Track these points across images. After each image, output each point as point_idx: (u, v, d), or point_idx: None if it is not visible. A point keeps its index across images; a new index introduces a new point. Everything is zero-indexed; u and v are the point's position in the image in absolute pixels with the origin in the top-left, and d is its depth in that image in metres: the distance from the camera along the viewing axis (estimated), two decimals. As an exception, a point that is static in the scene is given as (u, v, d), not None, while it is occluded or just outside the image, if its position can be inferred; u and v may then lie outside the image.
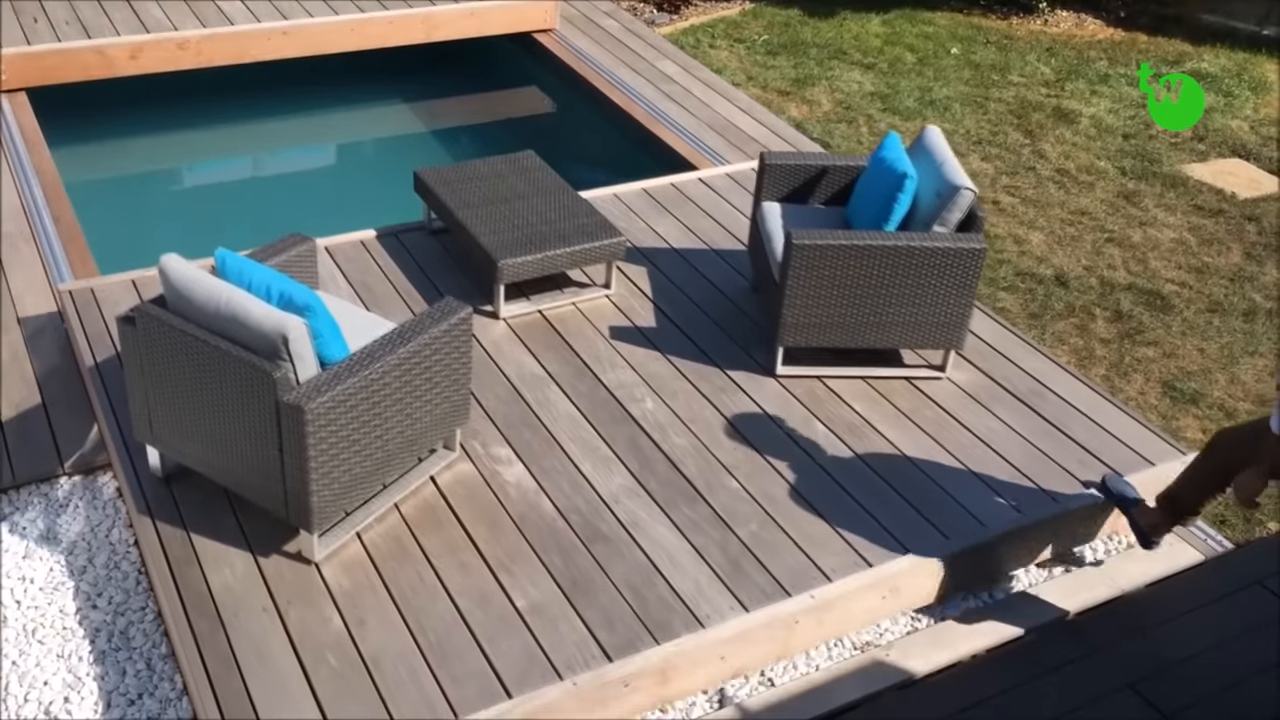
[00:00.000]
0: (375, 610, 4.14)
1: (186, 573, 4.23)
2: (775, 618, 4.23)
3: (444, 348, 4.38)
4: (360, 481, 4.23)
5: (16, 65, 7.66)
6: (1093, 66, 9.68)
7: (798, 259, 5.09)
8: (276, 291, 4.12)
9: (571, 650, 4.04)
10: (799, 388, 5.37)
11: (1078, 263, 6.98)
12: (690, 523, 4.59)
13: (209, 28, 8.13)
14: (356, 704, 3.82)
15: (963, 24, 10.41)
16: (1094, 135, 8.54)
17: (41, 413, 5.07)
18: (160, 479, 4.59)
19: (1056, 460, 5.02)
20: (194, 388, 4.14)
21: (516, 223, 5.74)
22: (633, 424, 5.08)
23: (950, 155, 5.32)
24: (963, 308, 5.24)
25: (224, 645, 3.98)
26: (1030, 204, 7.57)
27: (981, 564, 4.65)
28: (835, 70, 9.32)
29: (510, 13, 8.96)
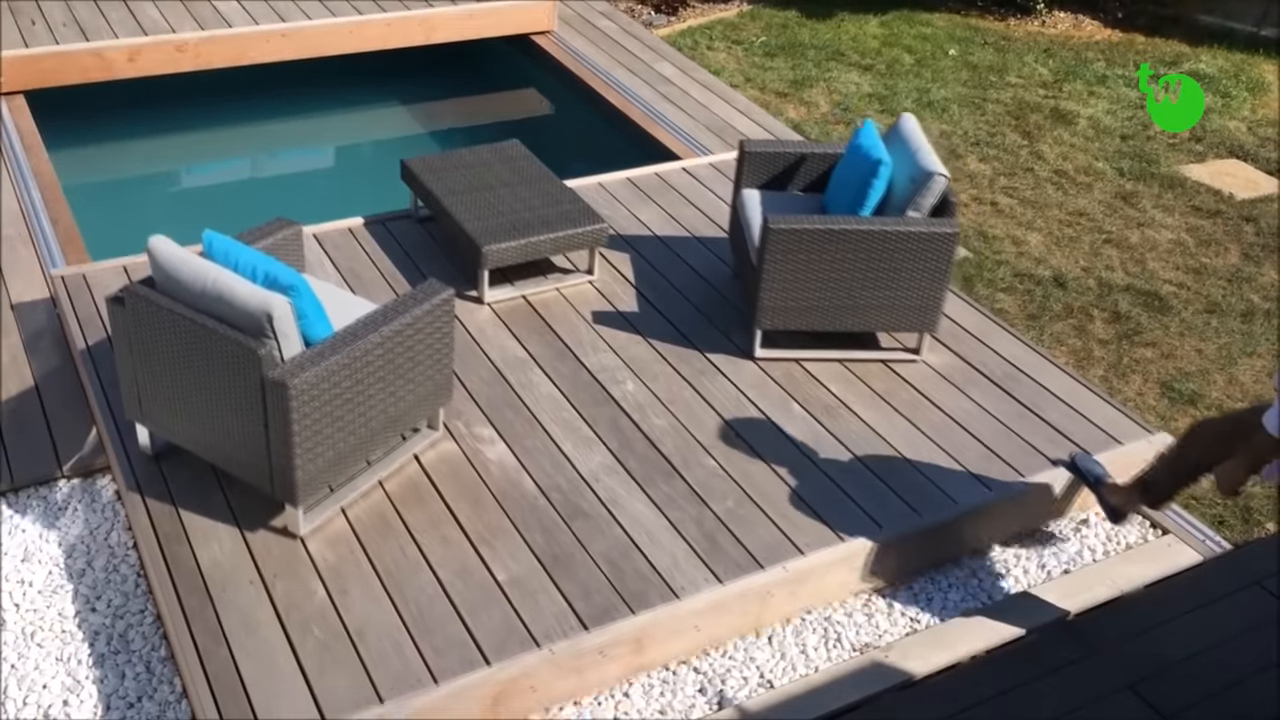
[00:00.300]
0: (359, 583, 4.25)
1: (175, 549, 4.34)
2: (749, 589, 4.35)
3: (426, 328, 4.48)
4: (344, 457, 4.34)
5: (14, 68, 7.69)
6: (1090, 67, 9.71)
7: (774, 243, 5.21)
8: (262, 272, 4.23)
9: (550, 620, 4.16)
10: (777, 370, 5.48)
11: (1076, 264, 7.01)
12: (668, 499, 4.70)
13: (207, 30, 8.16)
14: (341, 673, 3.93)
15: (960, 25, 10.44)
16: (1092, 136, 8.57)
17: (40, 415, 5.09)
18: (150, 457, 4.69)
19: (1028, 440, 5.14)
20: (182, 366, 4.25)
21: (501, 209, 5.85)
22: (613, 405, 5.19)
23: (925, 142, 5.43)
24: (936, 291, 5.36)
25: (212, 618, 4.09)
26: (1028, 205, 7.60)
27: (953, 539, 4.76)
28: (833, 72, 9.36)
29: (508, 15, 9.01)
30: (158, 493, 4.55)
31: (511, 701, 4.02)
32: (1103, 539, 4.95)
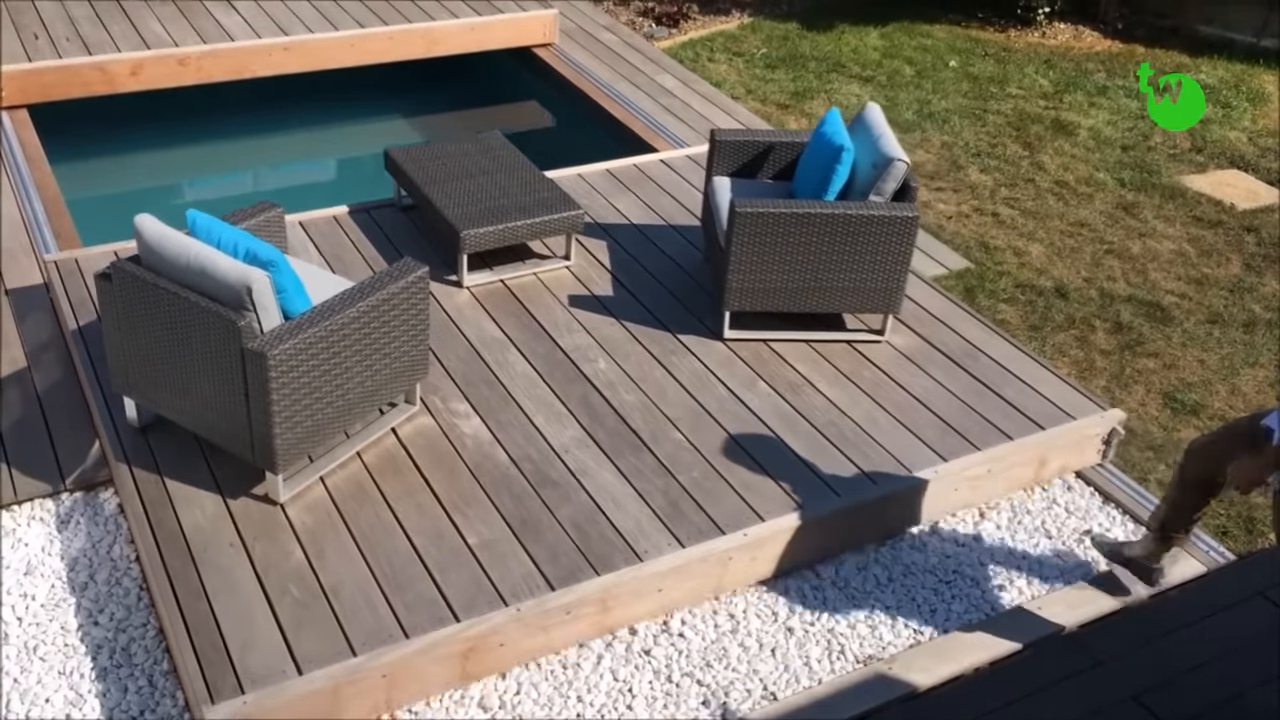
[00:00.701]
0: (335, 546, 4.44)
1: (160, 513, 4.53)
2: (710, 553, 4.53)
3: (402, 304, 4.68)
4: (322, 427, 4.53)
5: (18, 82, 7.75)
6: (1091, 78, 9.75)
7: (740, 226, 5.40)
8: (243, 249, 4.42)
9: (517, 581, 4.34)
10: (745, 350, 5.67)
11: (1077, 274, 7.03)
12: (635, 470, 4.89)
13: (209, 44, 8.22)
14: (316, 628, 4.11)
15: (961, 36, 10.48)
16: (1093, 147, 8.60)
17: (43, 429, 5.10)
18: (137, 429, 4.88)
19: (984, 415, 5.33)
20: (166, 338, 4.44)
21: (480, 196, 6.04)
22: (586, 383, 5.38)
23: (887, 130, 5.63)
24: (899, 273, 5.55)
25: (194, 577, 4.28)
26: (1029, 216, 7.63)
27: (910, 508, 4.95)
28: (834, 83, 9.40)
29: (510, 27, 9.09)
30: (144, 462, 4.74)
31: (482, 657, 4.20)
32: None
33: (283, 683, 3.91)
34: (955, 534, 4.99)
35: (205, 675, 3.92)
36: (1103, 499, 5.23)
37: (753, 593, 4.66)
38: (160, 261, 4.39)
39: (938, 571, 4.81)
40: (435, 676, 4.14)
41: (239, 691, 3.87)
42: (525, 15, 9.13)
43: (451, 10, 9.04)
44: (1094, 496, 5.23)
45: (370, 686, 4.02)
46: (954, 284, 6.81)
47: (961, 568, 4.83)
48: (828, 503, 4.78)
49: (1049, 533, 5.04)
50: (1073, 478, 5.35)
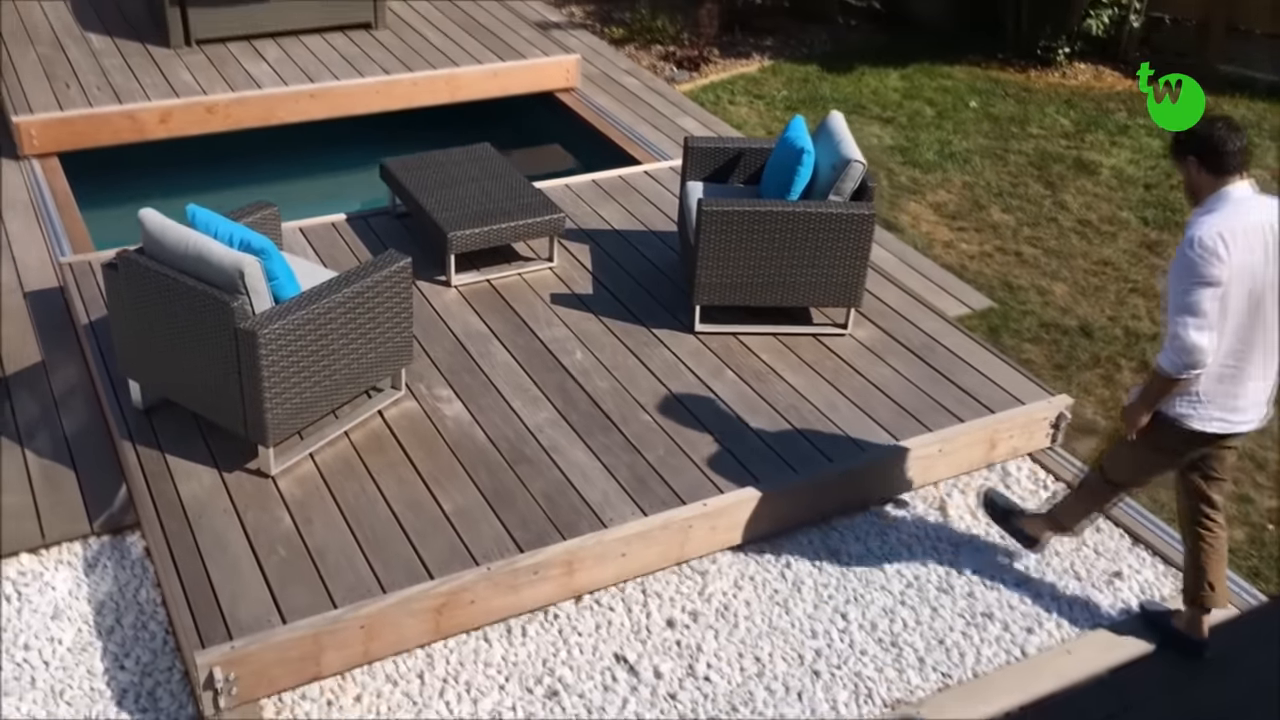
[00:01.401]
0: (321, 513, 4.79)
1: (160, 485, 4.88)
2: (671, 521, 4.85)
3: (386, 291, 5.04)
4: (311, 405, 4.89)
5: (49, 130, 7.80)
6: (1112, 118, 9.67)
7: (707, 224, 5.75)
8: (238, 239, 4.80)
9: (489, 544, 4.67)
10: (715, 343, 6.00)
11: (1102, 313, 6.98)
12: (604, 448, 5.23)
13: (237, 91, 8.27)
14: (301, 584, 4.45)
15: (981, 77, 10.41)
16: (1115, 186, 8.54)
17: (71, 473, 5.15)
18: (141, 411, 5.25)
19: (938, 400, 5.64)
20: (167, 321, 4.82)
21: (467, 201, 6.42)
22: (562, 371, 5.73)
23: (848, 135, 5.98)
24: (858, 268, 5.88)
25: (189, 539, 4.63)
26: (1053, 255, 7.59)
27: (864, 483, 5.26)
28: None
29: (532, 73, 9.13)
30: (146, 440, 5.11)
31: (454, 613, 4.53)
32: (1137, 592, 4.97)
33: (268, 631, 4.24)
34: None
35: (197, 624, 4.25)
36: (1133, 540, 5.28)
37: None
38: (161, 250, 4.77)
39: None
40: (411, 629, 4.46)
41: (227, 638, 4.21)
42: (548, 60, 9.19)
43: (475, 56, 9.10)
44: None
45: (350, 637, 4.35)
46: (977, 323, 6.78)
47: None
48: (784, 477, 5.10)
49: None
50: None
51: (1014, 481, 5.53)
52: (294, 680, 4.32)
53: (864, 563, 5.05)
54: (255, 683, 4.25)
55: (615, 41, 10.59)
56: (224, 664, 4.14)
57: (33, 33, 8.99)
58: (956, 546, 5.17)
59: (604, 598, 4.80)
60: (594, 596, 4.80)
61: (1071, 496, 4.79)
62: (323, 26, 9.28)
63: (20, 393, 5.45)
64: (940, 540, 5.19)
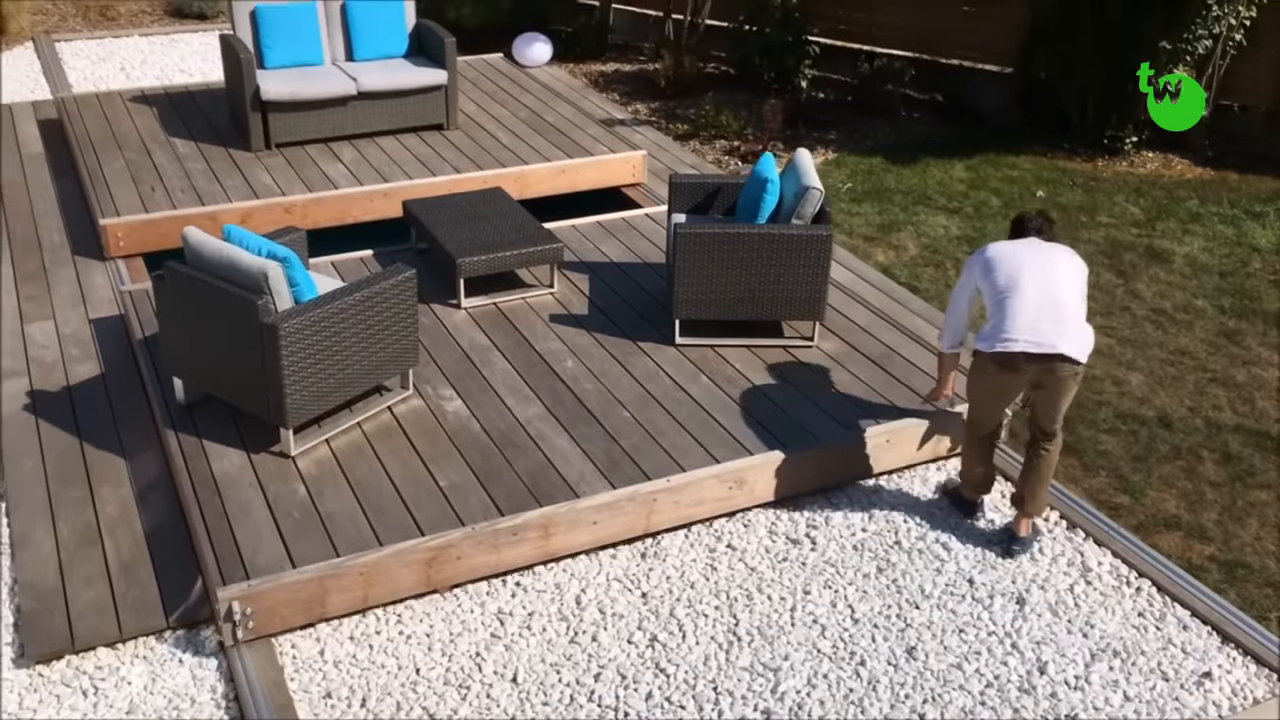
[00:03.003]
0: (333, 487, 5.51)
1: (196, 463, 5.64)
2: (637, 494, 5.51)
3: (393, 297, 5.81)
4: (325, 394, 5.64)
5: (134, 232, 8.02)
6: (1183, 205, 9.53)
7: (683, 245, 6.48)
8: (266, 250, 5.61)
9: (476, 511, 5.36)
10: (693, 354, 6.69)
11: (1181, 404, 6.87)
12: (585, 437, 5.91)
13: (314, 192, 8.51)
14: (310, 540, 5.16)
15: (1047, 167, 10.31)
16: (1189, 274, 8.41)
17: (149, 568, 5.26)
18: (184, 406, 6.04)
19: (891, 400, 6.27)
20: (204, 320, 5.62)
21: (476, 234, 7.22)
22: (554, 376, 6.44)
23: (811, 169, 6.70)
24: (819, 284, 6.56)
25: (218, 504, 5.37)
26: (1127, 344, 7.49)
27: (815, 468, 5.89)
28: (920, 215, 9.25)
29: (599, 169, 9.30)
30: (187, 429, 5.88)
31: (443, 566, 5.21)
32: (1227, 693, 4.89)
33: (280, 573, 4.95)
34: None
35: (220, 568, 4.98)
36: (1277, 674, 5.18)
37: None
38: (201, 260, 5.59)
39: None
40: (404, 579, 5.15)
41: (245, 578, 4.92)
42: (614, 157, 9.35)
43: (543, 154, 9.32)
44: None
45: (350, 583, 5.05)
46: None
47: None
48: (739, 458, 5.74)
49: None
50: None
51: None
52: (302, 619, 5.02)
53: (941, 660, 5.00)
54: (268, 619, 4.94)
55: (680, 137, 10.65)
56: (241, 599, 4.85)
57: (121, 140, 9.34)
58: (1038, 644, 5.09)
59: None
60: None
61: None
62: (397, 128, 9.62)
63: (103, 489, 5.69)
64: (1020, 636, 5.12)
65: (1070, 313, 5.32)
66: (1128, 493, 6.11)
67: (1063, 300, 5.33)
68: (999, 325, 5.34)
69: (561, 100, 10.70)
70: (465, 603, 5.24)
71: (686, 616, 5.20)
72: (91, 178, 8.64)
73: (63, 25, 13.49)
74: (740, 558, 5.55)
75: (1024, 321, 5.29)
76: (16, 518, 5.52)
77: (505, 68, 11.56)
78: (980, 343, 5.42)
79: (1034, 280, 5.37)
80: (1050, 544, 5.68)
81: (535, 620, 5.15)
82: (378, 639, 5.01)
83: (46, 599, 5.07)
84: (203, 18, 13.89)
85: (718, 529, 5.72)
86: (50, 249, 8.10)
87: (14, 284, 7.56)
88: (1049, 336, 5.25)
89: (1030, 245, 5.53)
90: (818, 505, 5.88)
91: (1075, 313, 5.34)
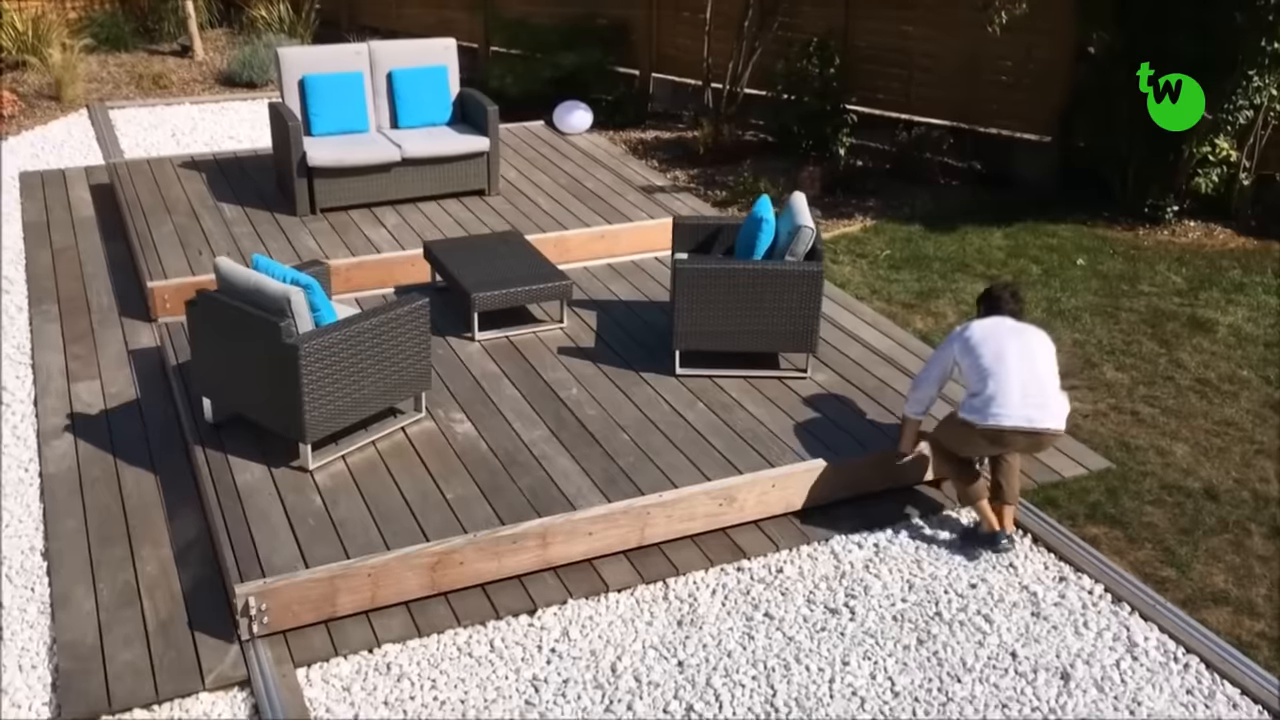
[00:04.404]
0: (346, 497, 5.90)
1: (221, 475, 6.05)
2: (632, 507, 5.86)
3: (407, 323, 6.24)
4: (342, 412, 6.05)
5: (181, 293, 8.15)
6: (1226, 275, 9.41)
7: (682, 280, 6.88)
8: (290, 278, 6.05)
9: (479, 520, 5.72)
10: (693, 384, 7.06)
11: (1227, 475, 6.74)
12: (585, 457, 6.28)
13: (357, 256, 8.60)
14: (323, 544, 5.54)
15: (1087, 235, 10.21)
16: (1234, 344, 8.30)
17: (186, 629, 5.33)
18: (212, 425, 6.46)
19: (879, 427, 6.60)
20: (231, 342, 6.05)
21: (491, 271, 7.65)
22: (559, 402, 6.82)
23: (804, 209, 7.10)
24: (811, 318, 6.92)
25: (240, 512, 5.76)
26: (1171, 415, 7.36)
27: (802, 487, 6.21)
28: (959, 282, 9.18)
29: (637, 235, 9.34)
30: (214, 445, 6.30)
31: (447, 570, 5.56)
32: None
33: (294, 572, 5.32)
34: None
35: (239, 567, 5.36)
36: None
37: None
38: (230, 287, 6.04)
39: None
40: (410, 581, 5.51)
41: (262, 576, 5.30)
42: (652, 223, 9.42)
43: (582, 219, 9.41)
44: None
45: (359, 583, 5.41)
46: (1095, 484, 6.60)
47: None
48: (730, 476, 6.08)
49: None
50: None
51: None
52: (314, 616, 5.38)
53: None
54: (281, 615, 5.31)
55: (718, 204, 10.62)
56: (257, 594, 5.22)
57: (170, 205, 9.55)
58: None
59: (573, 569, 5.76)
60: (565, 568, 5.77)
61: None
62: (440, 194, 9.81)
63: (143, 549, 5.83)
64: (1065, 713, 5.07)
65: (1052, 390, 5.86)
66: (1174, 566, 5.99)
67: (1044, 378, 5.88)
68: (989, 400, 5.81)
69: (601, 167, 10.88)
70: (500, 668, 5.24)
71: (723, 686, 5.15)
72: (140, 241, 8.83)
73: (116, 93, 13.97)
74: (778, 626, 5.52)
75: (1014, 398, 5.79)
76: (57, 577, 5.64)
77: (546, 135, 11.79)
78: (969, 414, 5.87)
79: (1019, 358, 5.88)
80: (1095, 618, 5.61)
81: (570, 688, 5.12)
82: (412, 704, 5.04)
83: (84, 659, 5.16)
84: (252, 86, 14.33)
85: (755, 597, 5.71)
86: (98, 310, 8.30)
87: (62, 344, 7.85)
88: (1037, 413, 5.78)
89: (1006, 326, 6.05)
90: (856, 574, 5.88)
91: (1055, 388, 5.89)
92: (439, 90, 9.99)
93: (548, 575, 5.75)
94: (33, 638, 5.35)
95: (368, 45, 9.87)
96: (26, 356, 7.73)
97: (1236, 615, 5.64)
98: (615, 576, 5.78)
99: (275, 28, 15.43)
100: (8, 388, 7.34)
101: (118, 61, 14.93)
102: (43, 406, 7.07)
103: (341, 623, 5.42)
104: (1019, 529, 6.22)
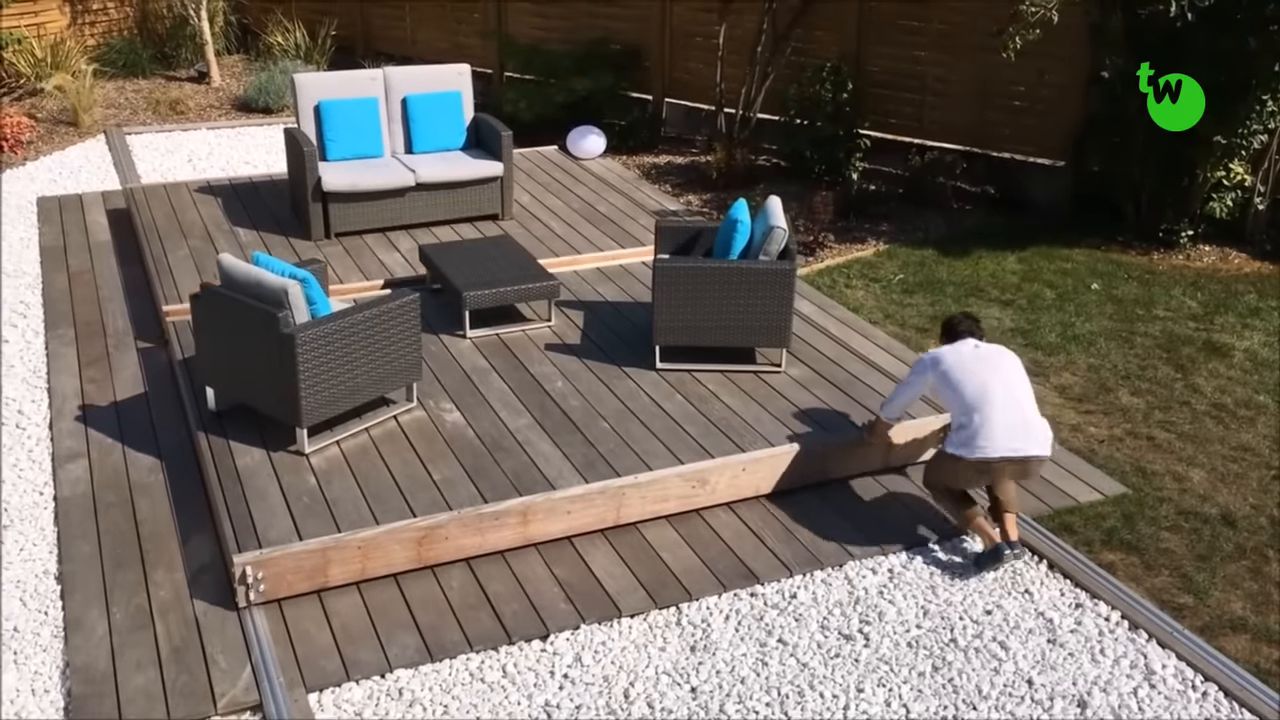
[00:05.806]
0: (339, 478, 6.26)
1: (223, 458, 6.42)
2: (607, 488, 6.21)
3: (397, 317, 6.61)
4: (336, 399, 6.42)
5: None
6: (1242, 300, 9.39)
7: (661, 278, 7.25)
8: (287, 272, 6.44)
9: (464, 499, 6.08)
10: (672, 378, 7.42)
11: (1245, 501, 6.70)
12: (567, 443, 6.63)
13: (370, 279, 8.74)
14: (317, 519, 5.90)
15: (1102, 260, 10.19)
16: (1249, 369, 8.28)
17: (199, 653, 5.36)
18: (214, 413, 6.84)
19: (845, 415, 6.95)
20: (232, 333, 6.43)
21: (482, 272, 8.03)
22: (544, 393, 7.19)
23: (778, 211, 7.47)
24: (784, 315, 7.28)
25: (239, 491, 6.13)
26: (1187, 440, 7.34)
27: (771, 471, 6.56)
28: (973, 307, 9.19)
29: (651, 258, 9.33)
30: (217, 431, 6.67)
31: (433, 545, 5.91)
32: None
33: (288, 544, 5.69)
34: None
35: (237, 539, 5.72)
36: None
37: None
38: (232, 281, 6.43)
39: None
40: (398, 554, 5.86)
41: (259, 547, 5.66)
42: None
43: (595, 243, 9.60)
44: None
45: (350, 555, 5.77)
46: (1111, 510, 6.58)
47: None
48: (701, 459, 6.44)
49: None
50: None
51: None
52: (307, 586, 5.74)
53: None
54: (277, 585, 5.67)
55: None
56: (254, 564, 5.59)
57: (186, 229, 9.69)
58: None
59: (553, 545, 6.09)
60: (545, 544, 6.11)
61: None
62: (454, 218, 9.93)
63: (156, 573, 5.88)
64: None
65: (1033, 416, 6.03)
66: (1191, 593, 5.94)
67: (1025, 406, 6.03)
68: (975, 434, 5.96)
69: (614, 191, 11.00)
70: (513, 694, 5.23)
71: (737, 713, 5.12)
72: (156, 265, 8.95)
73: (134, 119, 14.15)
74: (792, 653, 5.48)
75: (1000, 431, 5.93)
76: (71, 601, 5.67)
77: (560, 160, 11.90)
78: (956, 449, 6.01)
79: (1001, 390, 6.01)
80: (1112, 645, 5.56)
81: (583, 714, 5.10)
82: (424, 731, 5.10)
83: (97, 683, 5.18)
84: (268, 111, 14.51)
85: (769, 622, 5.68)
86: (114, 334, 8.33)
87: (78, 367, 7.88)
88: (1022, 443, 5.95)
89: (976, 352, 6.18)
90: (870, 599, 5.85)
91: (1036, 414, 6.06)
92: (453, 115, 10.10)
93: (560, 601, 5.78)
94: (45, 661, 5.37)
95: (383, 71, 10.01)
96: (42, 380, 7.80)
97: (1255, 642, 5.59)
98: (629, 603, 5.76)
99: (291, 54, 15.76)
100: (24, 411, 7.44)
101: (135, 87, 15.25)
102: (58, 430, 7.11)
103: (354, 646, 5.45)
104: (1033, 554, 6.20)
